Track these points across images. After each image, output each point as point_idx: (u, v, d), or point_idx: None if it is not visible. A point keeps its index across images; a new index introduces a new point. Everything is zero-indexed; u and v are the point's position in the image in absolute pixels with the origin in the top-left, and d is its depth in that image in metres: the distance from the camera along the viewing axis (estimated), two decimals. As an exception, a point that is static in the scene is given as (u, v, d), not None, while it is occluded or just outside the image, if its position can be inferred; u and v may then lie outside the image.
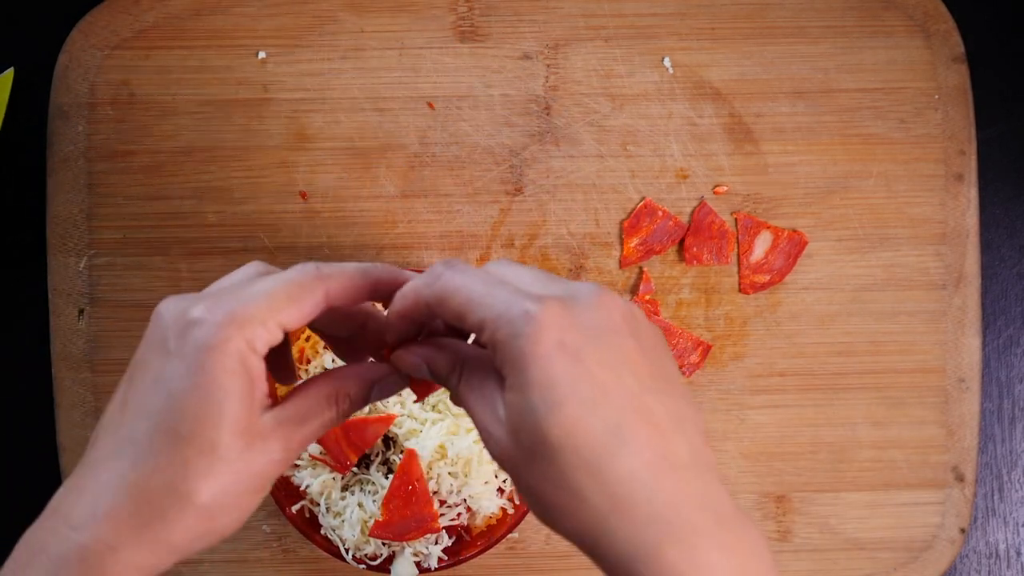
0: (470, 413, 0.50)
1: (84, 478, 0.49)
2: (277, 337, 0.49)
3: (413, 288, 0.50)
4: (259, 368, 0.49)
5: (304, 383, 0.52)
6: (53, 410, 0.72)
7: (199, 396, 0.48)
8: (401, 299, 0.51)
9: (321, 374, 0.53)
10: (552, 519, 0.48)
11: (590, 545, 0.48)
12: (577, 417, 0.46)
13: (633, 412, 0.47)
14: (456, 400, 0.51)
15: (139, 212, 0.73)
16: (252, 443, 0.49)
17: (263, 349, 0.49)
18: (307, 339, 0.67)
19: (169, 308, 0.50)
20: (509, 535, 0.72)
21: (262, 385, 0.50)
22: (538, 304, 0.47)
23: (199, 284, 0.72)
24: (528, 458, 0.47)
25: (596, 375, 0.47)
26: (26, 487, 0.74)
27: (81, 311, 0.72)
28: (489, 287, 0.48)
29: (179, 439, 0.48)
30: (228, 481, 0.49)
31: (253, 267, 0.52)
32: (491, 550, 0.72)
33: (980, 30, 0.75)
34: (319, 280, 0.50)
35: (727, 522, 0.47)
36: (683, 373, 0.72)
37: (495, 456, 0.49)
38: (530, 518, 0.72)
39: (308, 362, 0.66)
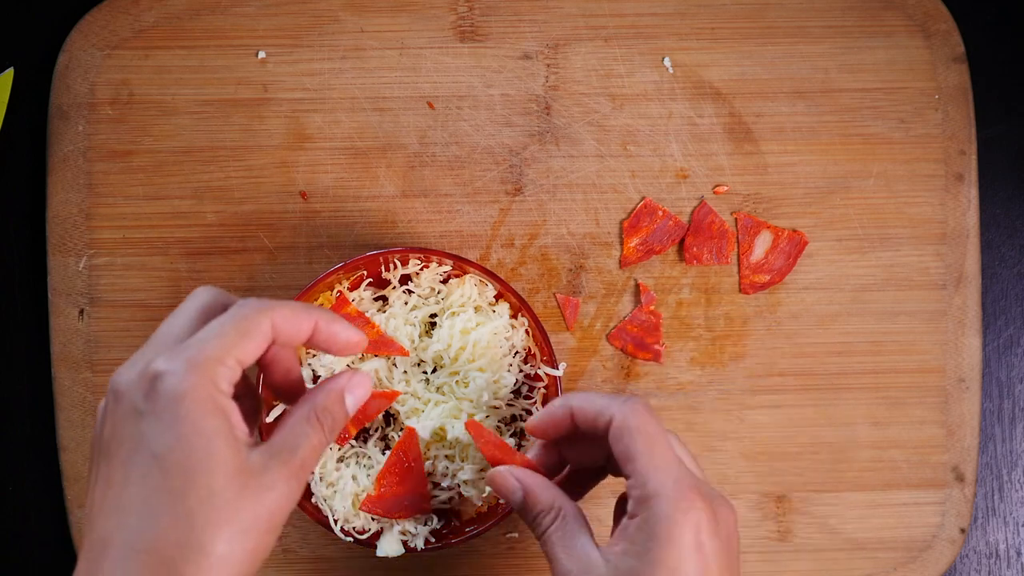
0: (552, 559, 0.56)
1: (93, 563, 0.48)
2: (237, 373, 0.51)
3: (600, 403, 0.56)
4: (231, 407, 0.50)
5: (283, 413, 0.53)
6: (53, 410, 0.72)
7: (183, 447, 0.48)
8: (582, 404, 0.57)
9: (298, 401, 0.54)
10: None
11: None
12: None
13: None
14: (539, 539, 0.57)
15: (139, 212, 0.73)
16: (248, 482, 0.50)
17: (229, 388, 0.50)
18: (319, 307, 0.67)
19: (124, 375, 0.51)
20: (508, 534, 0.72)
21: (239, 424, 0.51)
22: (701, 499, 0.54)
23: (199, 284, 0.72)
24: None
25: (706, 569, 0.53)
26: (26, 487, 0.74)
27: (81, 311, 0.72)
28: (669, 454, 0.55)
29: (176, 495, 0.48)
30: (237, 526, 0.49)
31: (198, 298, 0.54)
32: (491, 549, 0.72)
33: (980, 30, 0.75)
34: (263, 312, 0.52)
35: None
36: (655, 353, 0.72)
37: None
38: (530, 518, 0.72)
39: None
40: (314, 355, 0.66)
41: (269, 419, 0.66)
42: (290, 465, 0.51)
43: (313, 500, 0.66)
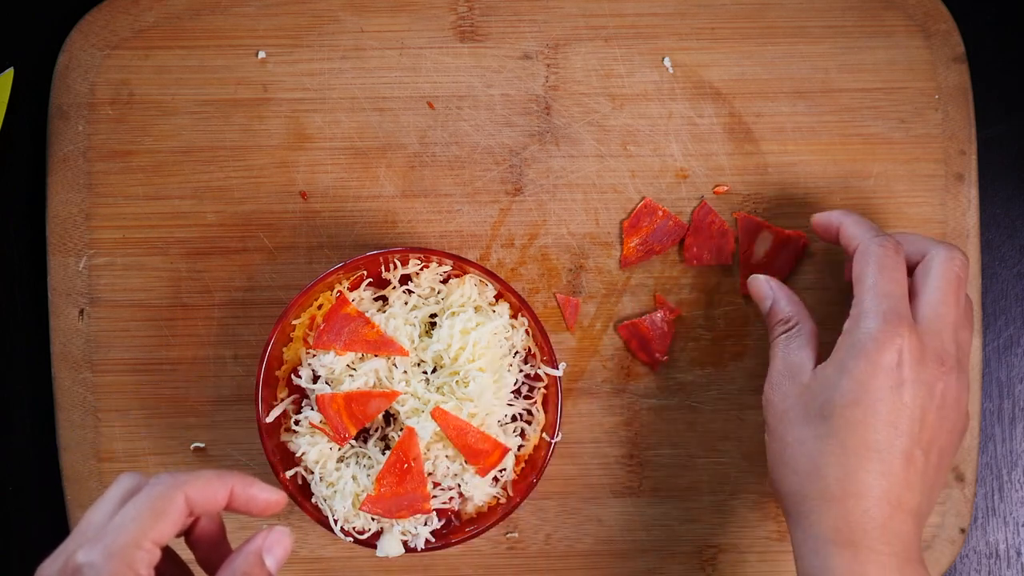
0: (772, 359, 0.64)
1: None
2: (156, 555, 0.52)
3: (859, 230, 0.64)
4: None
5: None
6: (53, 410, 0.72)
7: None
8: (849, 226, 0.65)
9: (219, 569, 0.54)
10: (783, 474, 0.62)
11: (798, 509, 0.60)
12: (862, 422, 0.59)
13: (900, 451, 0.59)
14: (771, 343, 0.65)
15: (139, 212, 0.73)
16: None
17: (148, 571, 0.51)
18: (319, 307, 0.67)
19: (47, 569, 0.52)
20: (508, 534, 0.72)
21: None
22: (908, 329, 0.60)
23: (199, 284, 0.72)
24: (802, 418, 0.61)
25: (899, 406, 0.59)
26: (26, 487, 0.74)
27: (81, 311, 0.72)
28: (891, 288, 0.61)
29: None
30: None
31: (121, 485, 0.54)
32: (491, 549, 0.72)
33: (980, 30, 0.75)
34: (176, 488, 0.53)
35: (912, 561, 0.59)
36: (659, 356, 0.73)
37: (770, 402, 0.63)
38: (523, 512, 0.72)
39: (319, 328, 0.66)
40: (314, 355, 0.66)
41: (269, 419, 0.66)
42: None
43: (313, 500, 0.66)
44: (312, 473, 0.66)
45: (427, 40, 0.73)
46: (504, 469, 0.67)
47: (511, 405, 0.67)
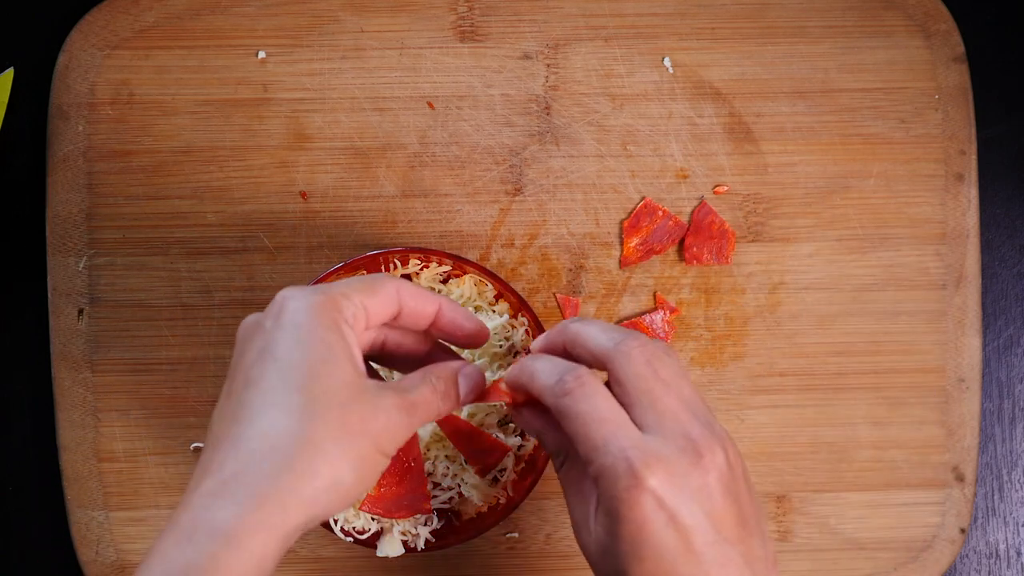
0: (566, 499, 0.56)
1: (205, 458, 0.50)
2: (362, 314, 0.53)
3: (540, 388, 0.55)
4: (352, 336, 0.53)
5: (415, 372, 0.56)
6: (53, 410, 0.72)
7: (305, 352, 0.51)
8: (530, 383, 0.56)
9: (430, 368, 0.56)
10: None
11: None
12: (656, 570, 0.52)
13: (710, 564, 0.52)
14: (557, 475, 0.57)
15: (139, 212, 0.73)
16: (362, 396, 0.52)
17: (352, 321, 0.53)
18: None
19: (251, 316, 0.54)
20: (508, 534, 0.72)
21: (358, 354, 0.53)
22: (645, 467, 0.52)
23: (199, 284, 0.72)
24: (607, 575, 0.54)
25: (684, 534, 0.52)
26: (26, 487, 0.74)
27: (81, 311, 0.72)
28: (604, 430, 0.53)
29: (291, 391, 0.50)
30: (347, 430, 0.50)
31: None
32: (491, 549, 0.72)
33: (980, 30, 0.75)
34: (391, 280, 0.55)
35: None
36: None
37: (581, 548, 0.55)
38: (523, 512, 0.72)
39: None
40: None
41: None
42: (404, 398, 0.53)
43: (313, 500, 0.66)
44: (423, 424, 0.66)
45: (427, 40, 0.73)
46: (504, 469, 0.67)
47: (511, 405, 0.67)
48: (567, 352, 0.57)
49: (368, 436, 0.51)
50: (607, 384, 0.55)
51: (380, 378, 0.61)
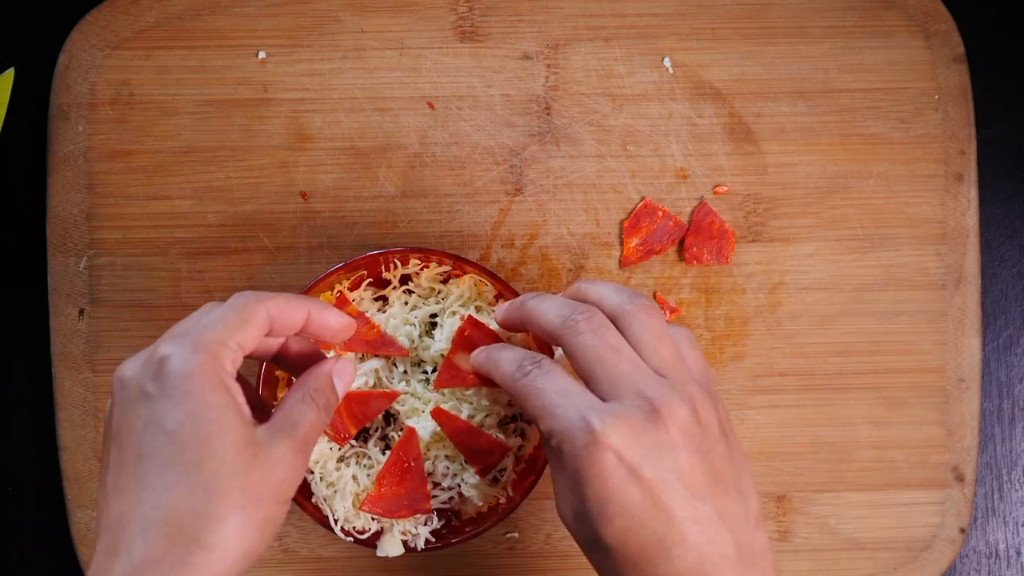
0: (552, 475, 0.56)
1: (112, 540, 0.50)
2: (239, 357, 0.53)
3: (502, 375, 0.58)
4: (236, 387, 0.53)
5: (282, 398, 0.55)
6: (53, 410, 0.72)
7: (194, 421, 0.50)
8: (495, 372, 0.58)
9: (291, 387, 0.58)
10: None
11: None
12: (627, 528, 0.52)
13: (680, 520, 0.52)
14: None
15: (139, 212, 0.73)
16: (257, 453, 0.52)
17: (233, 370, 0.53)
18: None
19: (129, 366, 0.54)
20: (508, 534, 0.72)
21: (244, 404, 0.53)
22: (600, 423, 0.52)
23: (199, 284, 0.72)
24: (588, 546, 0.54)
25: (648, 489, 0.52)
26: (26, 487, 0.74)
27: (81, 311, 0.72)
28: (560, 400, 0.54)
29: (190, 467, 0.50)
30: (250, 494, 0.51)
31: (203, 308, 0.56)
32: (491, 549, 0.72)
33: (980, 30, 0.75)
34: (259, 302, 0.55)
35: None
36: None
37: (565, 525, 0.55)
38: (523, 512, 0.72)
39: None
40: None
41: None
42: (294, 439, 0.54)
43: (313, 500, 0.66)
44: (312, 473, 0.66)
45: (427, 40, 0.73)
46: (504, 469, 0.67)
47: (511, 405, 0.67)
48: (524, 326, 0.60)
49: (270, 494, 0.52)
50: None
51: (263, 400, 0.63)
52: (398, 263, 0.67)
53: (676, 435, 0.53)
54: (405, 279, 0.68)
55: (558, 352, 0.63)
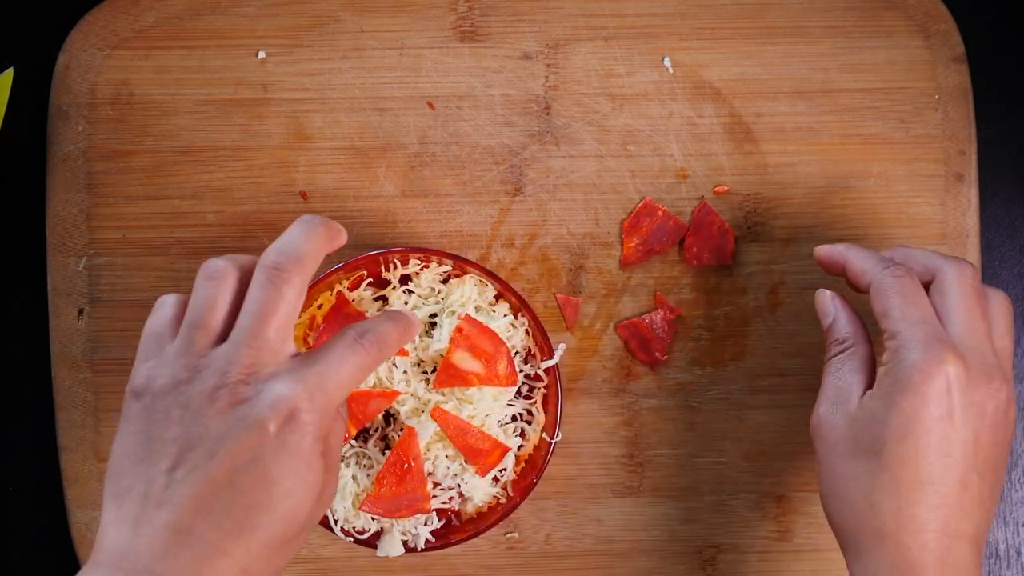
0: (825, 380, 0.62)
1: (140, 512, 0.51)
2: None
3: (866, 265, 0.61)
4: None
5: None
6: (53, 410, 0.72)
7: (293, 482, 0.52)
8: (855, 261, 0.62)
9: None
10: (836, 506, 0.59)
11: (854, 544, 0.59)
12: (915, 456, 0.56)
13: (956, 480, 0.57)
14: (825, 362, 0.63)
15: (139, 212, 0.73)
16: (320, 500, 0.55)
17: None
18: (319, 307, 0.67)
19: (235, 375, 0.53)
20: (508, 534, 0.72)
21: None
22: (951, 353, 0.57)
23: (199, 284, 0.72)
24: (852, 453, 0.58)
25: (952, 434, 0.57)
26: (26, 487, 0.74)
27: (81, 311, 0.72)
28: (922, 315, 0.59)
29: (266, 520, 0.52)
30: (306, 496, 0.53)
31: (218, 280, 0.56)
32: (491, 549, 0.72)
33: (980, 30, 0.75)
34: (383, 349, 0.57)
35: None
36: (658, 356, 0.72)
37: (818, 430, 0.61)
38: (523, 512, 0.72)
39: (320, 328, 0.66)
40: None
41: None
42: (335, 475, 0.56)
43: (313, 500, 0.66)
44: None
45: (427, 40, 0.73)
46: (504, 469, 0.67)
47: (511, 405, 0.67)
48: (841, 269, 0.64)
49: (314, 520, 0.56)
50: None
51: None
52: (398, 263, 0.67)
53: (991, 409, 0.58)
54: (405, 279, 0.68)
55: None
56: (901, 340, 0.58)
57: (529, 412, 0.68)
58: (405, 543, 0.66)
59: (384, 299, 0.68)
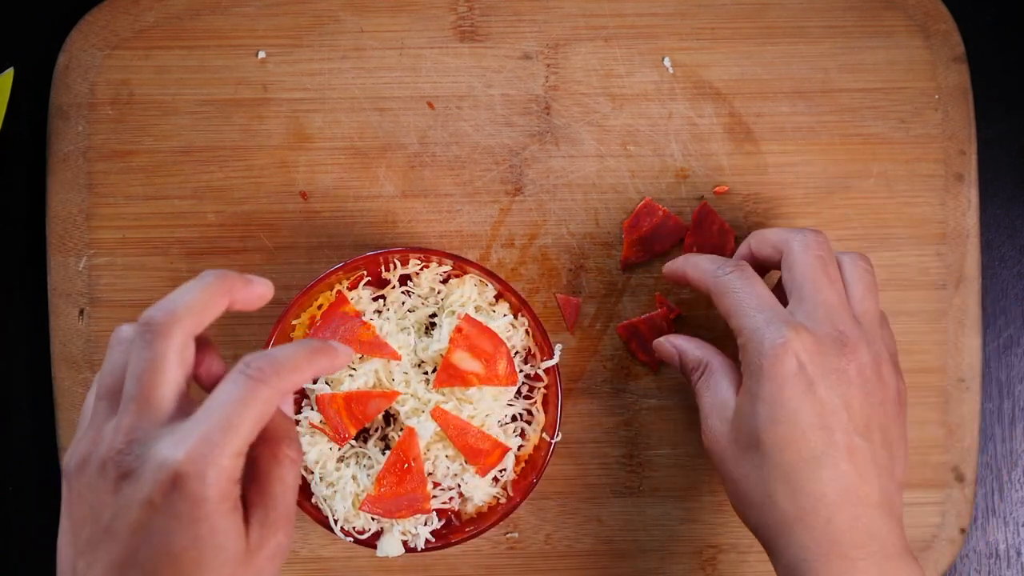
0: (700, 404, 0.63)
1: None
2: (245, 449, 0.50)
3: (702, 271, 0.63)
4: (238, 492, 0.50)
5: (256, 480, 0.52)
6: (53, 410, 0.72)
7: (199, 549, 0.48)
8: (692, 270, 0.64)
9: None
10: (743, 510, 0.60)
11: (768, 540, 0.59)
12: (788, 436, 0.57)
13: (840, 448, 0.57)
14: (693, 390, 0.64)
15: (139, 212, 0.73)
16: (252, 561, 0.50)
17: (239, 471, 0.50)
18: (319, 307, 0.67)
19: (117, 447, 0.49)
20: (508, 534, 0.72)
21: (239, 503, 0.50)
22: (792, 331, 0.58)
23: (199, 284, 0.72)
24: (739, 455, 0.59)
25: (819, 406, 0.57)
26: (26, 487, 0.74)
27: (81, 311, 0.72)
28: (758, 303, 0.60)
29: None
30: None
31: (177, 338, 0.51)
32: (491, 549, 0.72)
33: (980, 30, 0.75)
34: (273, 394, 0.51)
35: (892, 556, 0.57)
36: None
37: (708, 445, 0.62)
38: (523, 512, 0.72)
39: (317, 324, 0.66)
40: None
41: None
42: (284, 527, 0.52)
43: (313, 500, 0.66)
44: (312, 473, 0.66)
45: (427, 40, 0.73)
46: (504, 469, 0.67)
47: (511, 405, 0.67)
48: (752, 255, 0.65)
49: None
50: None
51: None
52: (398, 263, 0.67)
53: (854, 373, 0.58)
54: (405, 279, 0.68)
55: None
56: (746, 333, 0.60)
57: (529, 412, 0.68)
58: (405, 543, 0.66)
59: (384, 299, 0.68)
